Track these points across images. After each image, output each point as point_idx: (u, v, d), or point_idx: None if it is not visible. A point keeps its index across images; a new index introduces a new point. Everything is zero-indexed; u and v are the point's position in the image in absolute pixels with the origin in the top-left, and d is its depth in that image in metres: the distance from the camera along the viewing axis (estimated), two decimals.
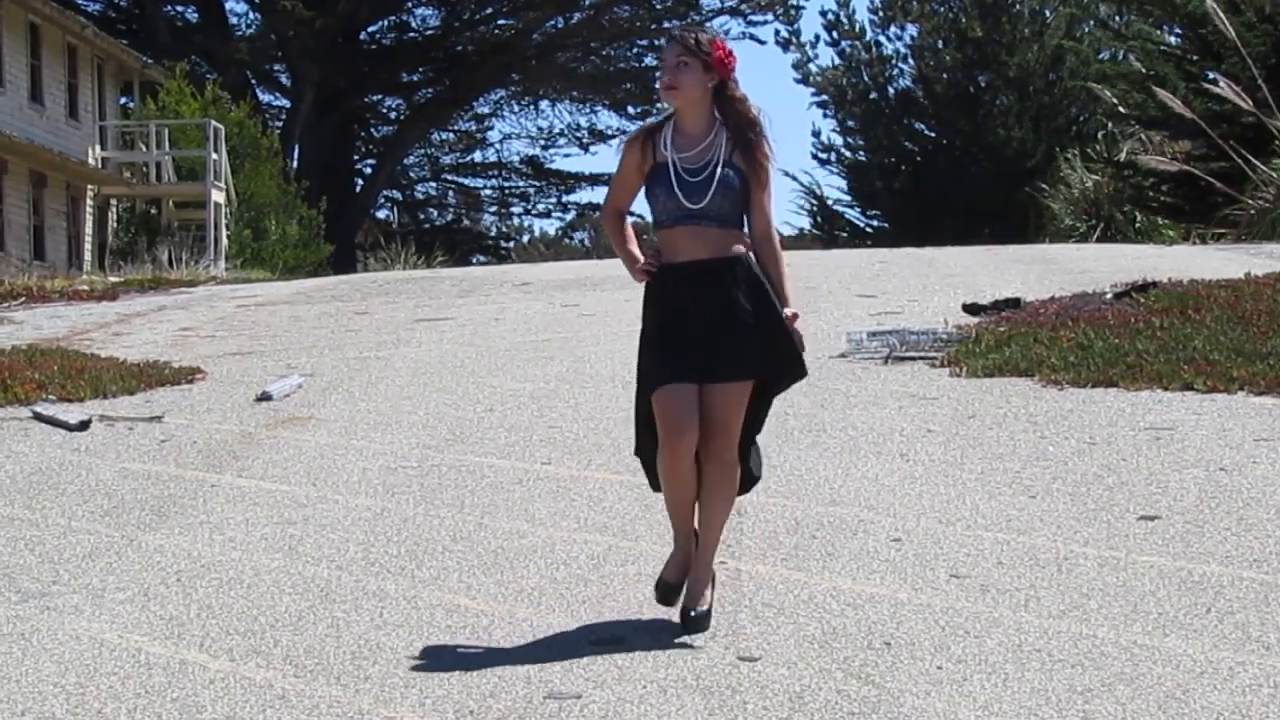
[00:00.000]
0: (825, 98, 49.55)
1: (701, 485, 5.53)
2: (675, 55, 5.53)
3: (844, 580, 6.10)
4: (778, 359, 5.53)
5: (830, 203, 49.67)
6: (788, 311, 5.50)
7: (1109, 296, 13.50)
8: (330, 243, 40.48)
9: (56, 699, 5.05)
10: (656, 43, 53.35)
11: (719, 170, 5.48)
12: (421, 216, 59.41)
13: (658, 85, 5.84)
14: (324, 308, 17.54)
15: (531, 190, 58.80)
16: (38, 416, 10.10)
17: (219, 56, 47.74)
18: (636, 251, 5.61)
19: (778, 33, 51.20)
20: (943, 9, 47.64)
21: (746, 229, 5.65)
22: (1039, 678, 4.96)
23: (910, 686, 4.92)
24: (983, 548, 6.47)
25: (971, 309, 13.55)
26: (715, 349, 5.46)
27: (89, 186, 35.57)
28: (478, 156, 58.69)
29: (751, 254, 5.58)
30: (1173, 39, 30.48)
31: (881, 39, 49.28)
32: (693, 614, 5.47)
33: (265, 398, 10.68)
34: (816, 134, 57.33)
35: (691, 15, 52.41)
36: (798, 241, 48.64)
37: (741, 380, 5.47)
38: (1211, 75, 25.70)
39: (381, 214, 58.19)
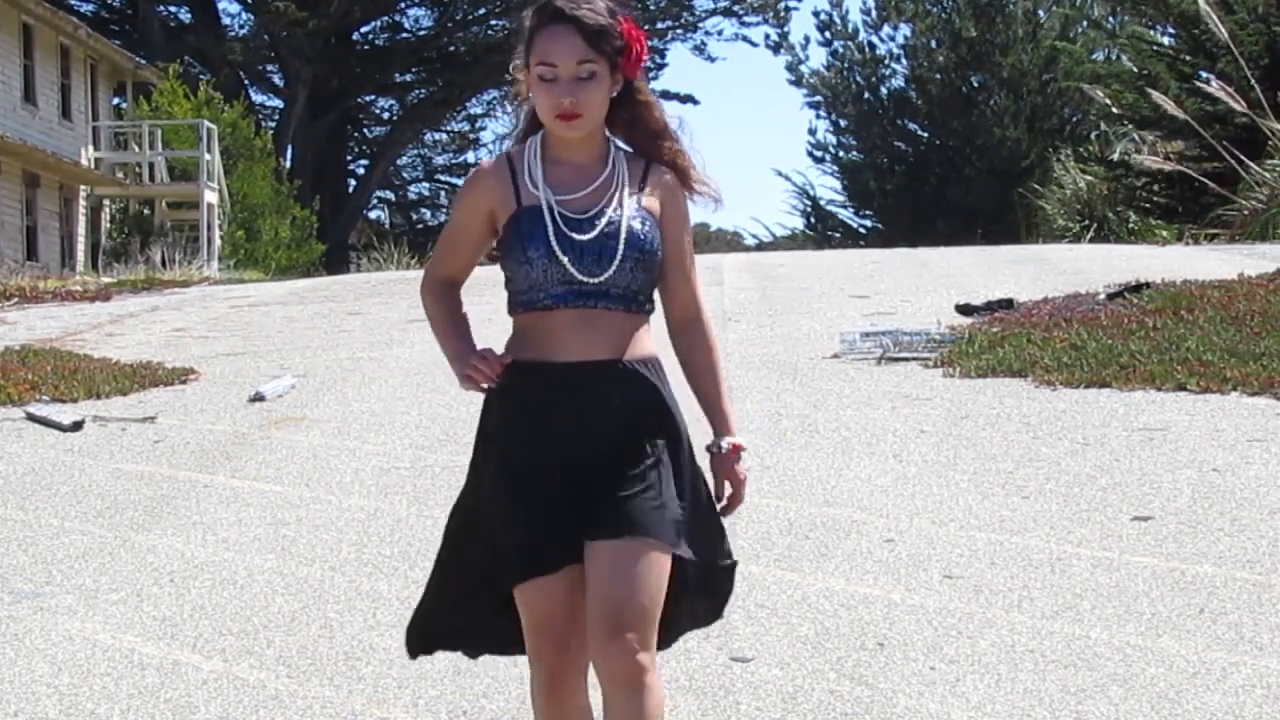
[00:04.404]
0: (818, 98, 49.59)
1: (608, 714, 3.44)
2: (573, 58, 3.44)
3: (837, 581, 6.10)
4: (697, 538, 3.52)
5: (824, 203, 49.73)
6: (727, 441, 3.56)
7: (1102, 297, 13.51)
8: (323, 243, 40.46)
9: (50, 699, 5.05)
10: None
11: (625, 220, 3.50)
12: (415, 217, 59.39)
13: (520, 98, 3.63)
14: (317, 308, 17.53)
15: None
16: (31, 417, 10.09)
17: (212, 57, 47.72)
18: (469, 338, 3.64)
19: (768, 37, 51.15)
20: (936, 9, 47.66)
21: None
22: (1032, 678, 4.96)
23: (903, 687, 4.92)
24: (976, 548, 6.47)
25: (965, 309, 13.56)
26: (619, 490, 3.43)
27: (82, 187, 35.53)
28: (471, 157, 58.75)
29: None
30: (1166, 39, 30.51)
31: (875, 39, 49.34)
32: None
33: (258, 398, 10.66)
34: (812, 132, 57.32)
35: (684, 16, 52.44)
36: (791, 242, 48.71)
37: (663, 542, 3.42)
38: (1205, 75, 25.72)
39: (375, 214, 58.23)
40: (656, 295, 3.62)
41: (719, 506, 3.56)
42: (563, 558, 3.42)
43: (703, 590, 3.60)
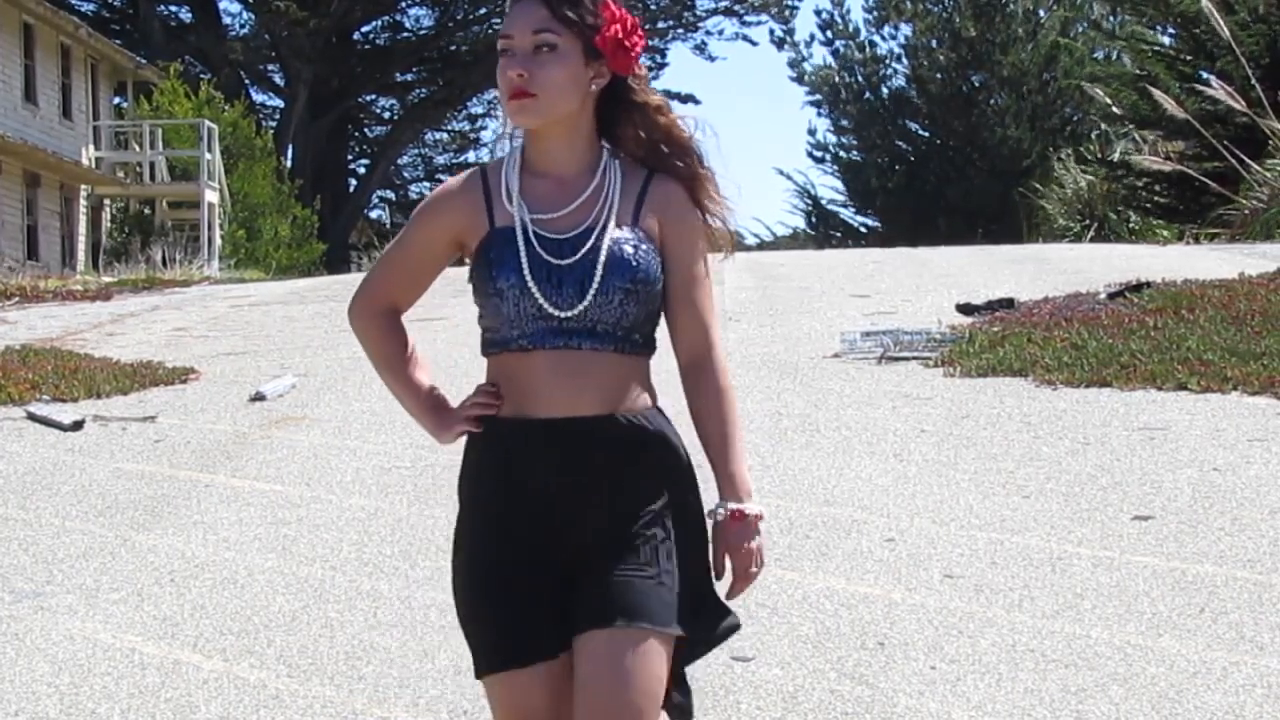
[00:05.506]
0: (819, 97, 49.63)
1: None
2: (530, 28, 2.95)
3: (838, 580, 6.10)
4: (696, 615, 3.01)
5: (824, 203, 49.77)
6: (728, 507, 2.97)
7: (1103, 296, 13.51)
8: (324, 242, 40.46)
9: (50, 699, 5.05)
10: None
11: (608, 243, 2.96)
12: None
13: (500, 87, 3.00)
14: (318, 307, 17.52)
15: None
16: (32, 417, 10.09)
17: (213, 56, 47.73)
18: (426, 382, 3.17)
19: (772, 32, 51.21)
20: (937, 9, 47.68)
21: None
22: (1032, 678, 4.96)
23: (904, 686, 4.92)
24: (976, 548, 6.47)
25: (965, 309, 13.56)
26: (610, 568, 2.95)
27: (83, 187, 35.53)
28: (471, 156, 58.77)
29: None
30: (1166, 39, 30.52)
31: (875, 39, 49.38)
32: None
33: (259, 398, 10.66)
34: (812, 132, 57.34)
35: (685, 16, 52.43)
36: (792, 241, 48.70)
37: (664, 628, 2.93)
38: (1205, 75, 25.73)
39: (375, 214, 58.24)
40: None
41: (726, 592, 3.00)
42: (540, 650, 2.93)
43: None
